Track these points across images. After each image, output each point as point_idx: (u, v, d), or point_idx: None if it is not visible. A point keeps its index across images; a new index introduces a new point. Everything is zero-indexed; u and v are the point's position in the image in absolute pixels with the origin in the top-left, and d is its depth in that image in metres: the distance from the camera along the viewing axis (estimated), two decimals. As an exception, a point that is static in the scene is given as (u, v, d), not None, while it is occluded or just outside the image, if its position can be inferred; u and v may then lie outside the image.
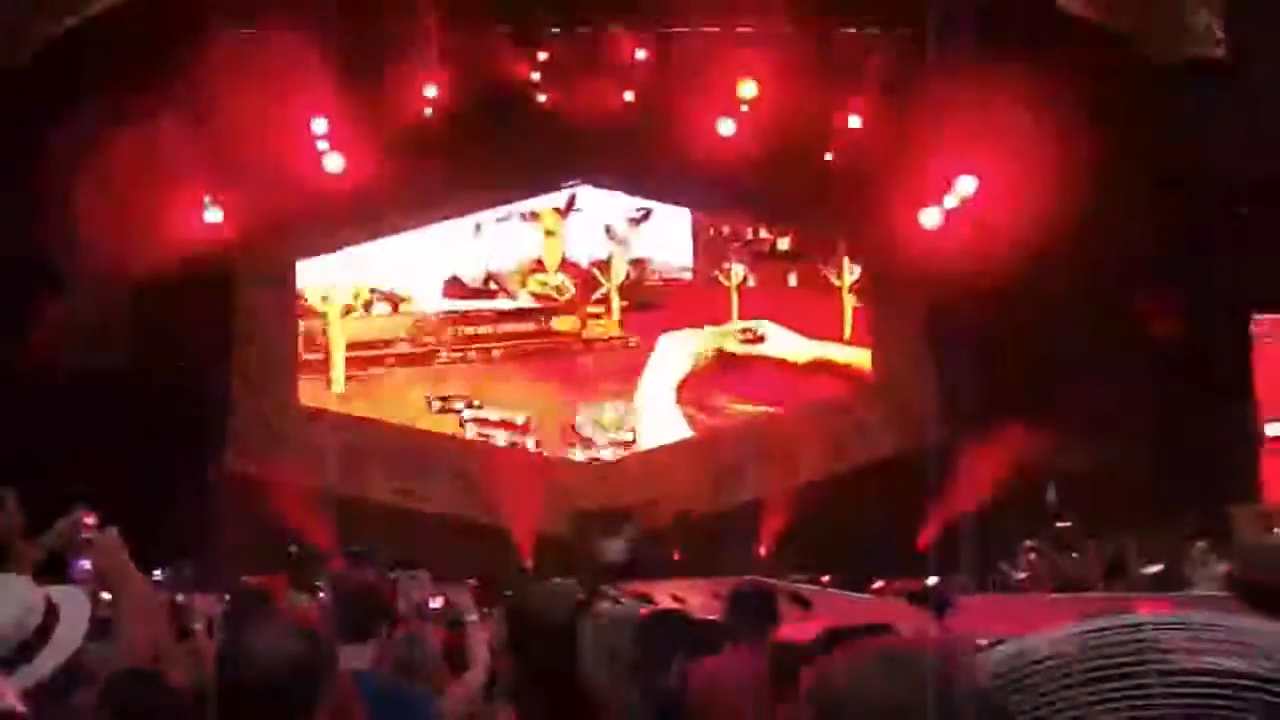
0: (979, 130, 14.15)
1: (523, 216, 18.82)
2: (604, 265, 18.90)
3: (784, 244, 19.31)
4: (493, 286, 18.83)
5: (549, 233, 18.89)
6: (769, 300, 19.04)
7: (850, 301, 19.03)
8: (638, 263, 19.03)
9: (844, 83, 16.14)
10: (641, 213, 18.97)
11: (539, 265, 18.89)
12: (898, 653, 1.59)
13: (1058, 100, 13.03)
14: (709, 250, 19.23)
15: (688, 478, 17.94)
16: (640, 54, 16.28)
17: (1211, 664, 1.71)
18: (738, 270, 19.03)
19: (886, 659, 1.57)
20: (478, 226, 18.69)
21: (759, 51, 15.61)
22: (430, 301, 18.65)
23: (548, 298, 18.92)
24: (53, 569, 4.18)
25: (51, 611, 3.16)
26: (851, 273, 19.09)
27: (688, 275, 19.21)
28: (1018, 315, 15.21)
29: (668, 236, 19.22)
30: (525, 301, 18.94)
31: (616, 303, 18.91)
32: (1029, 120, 13.29)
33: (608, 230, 18.94)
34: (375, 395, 18.26)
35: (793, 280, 19.21)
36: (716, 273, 19.11)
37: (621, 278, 18.92)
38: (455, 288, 18.69)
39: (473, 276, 18.75)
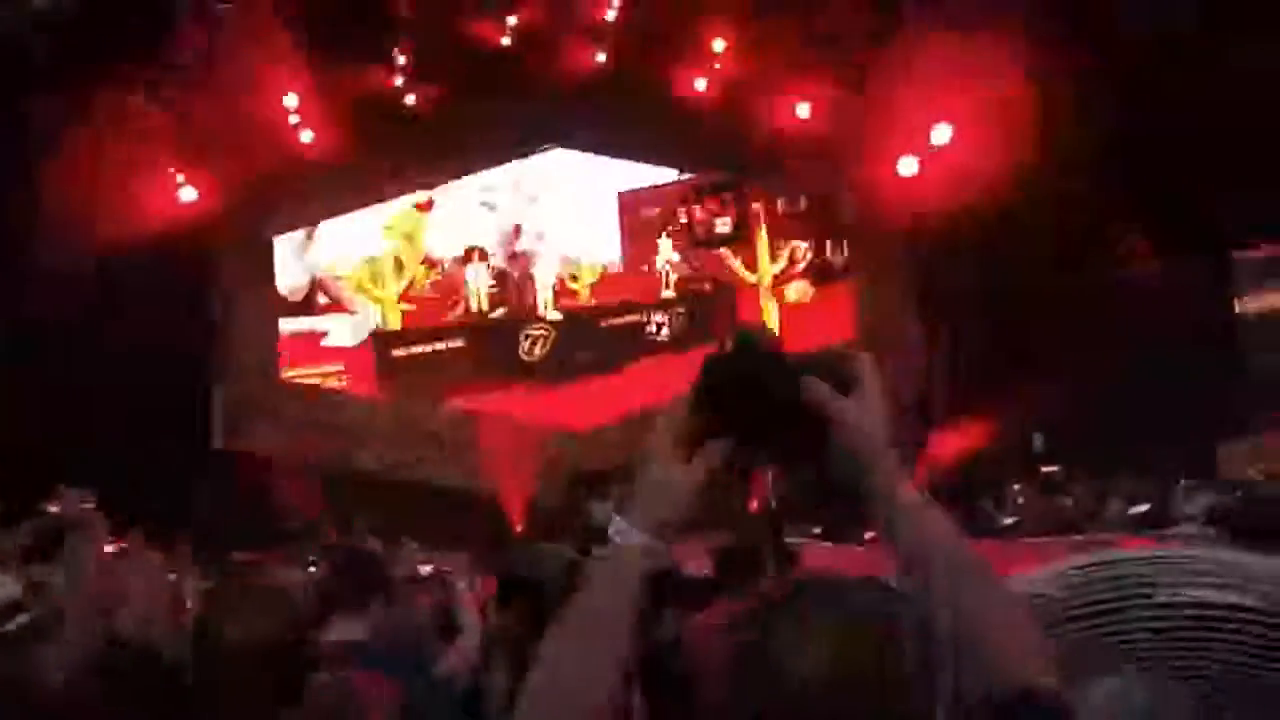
0: (952, 80, 14.11)
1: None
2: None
3: (723, 226, 19.54)
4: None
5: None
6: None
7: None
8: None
9: (818, 38, 16.05)
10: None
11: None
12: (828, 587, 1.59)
13: (1029, 48, 13.00)
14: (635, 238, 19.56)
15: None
16: (610, 14, 16.20)
17: (1198, 597, 1.69)
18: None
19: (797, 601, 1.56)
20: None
21: (730, 7, 15.55)
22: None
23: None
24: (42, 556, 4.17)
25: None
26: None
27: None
28: (997, 263, 15.23)
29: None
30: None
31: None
32: (1000, 70, 13.25)
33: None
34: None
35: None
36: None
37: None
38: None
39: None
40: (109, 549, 3.89)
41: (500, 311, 19.11)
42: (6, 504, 4.40)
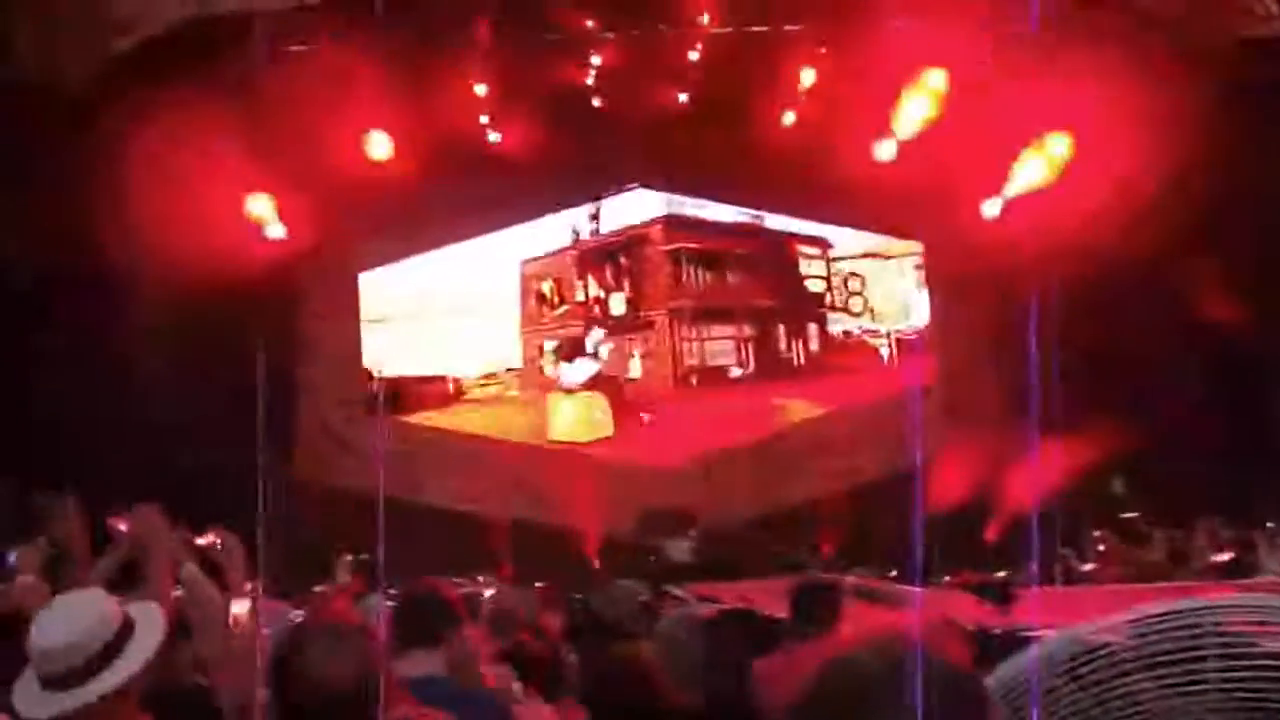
0: (1042, 117, 14.01)
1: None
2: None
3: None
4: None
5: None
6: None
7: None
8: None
9: (899, 76, 15.98)
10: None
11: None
12: (888, 638, 1.59)
13: (1118, 85, 12.89)
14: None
15: (750, 478, 17.94)
16: (693, 55, 16.25)
17: (1271, 648, 1.67)
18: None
19: (876, 644, 1.57)
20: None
21: (812, 48, 15.56)
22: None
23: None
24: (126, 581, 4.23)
25: (127, 625, 3.22)
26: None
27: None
28: (1081, 306, 15.06)
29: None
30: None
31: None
32: (1091, 115, 13.15)
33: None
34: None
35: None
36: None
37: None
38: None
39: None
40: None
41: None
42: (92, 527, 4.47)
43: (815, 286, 20.60)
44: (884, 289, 20.16)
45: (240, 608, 3.77)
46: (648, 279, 20.20)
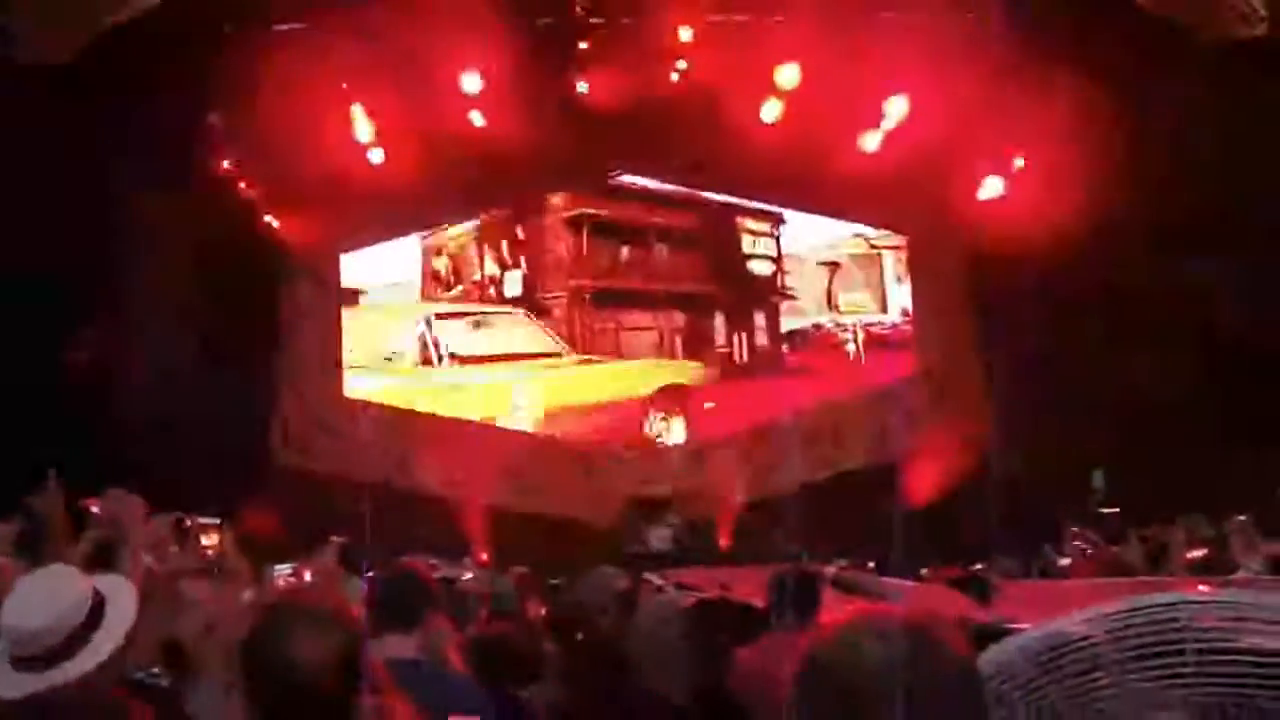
0: (1025, 112, 14.04)
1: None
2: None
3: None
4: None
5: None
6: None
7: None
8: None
9: (888, 66, 15.95)
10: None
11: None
12: (883, 625, 1.59)
13: (1104, 83, 12.91)
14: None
15: (732, 466, 17.94)
16: (683, 35, 16.12)
17: (1254, 644, 1.68)
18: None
19: (872, 631, 1.57)
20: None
21: (800, 36, 15.50)
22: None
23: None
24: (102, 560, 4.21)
25: (99, 603, 3.20)
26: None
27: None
28: (1064, 301, 15.11)
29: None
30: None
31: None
32: (1075, 103, 13.16)
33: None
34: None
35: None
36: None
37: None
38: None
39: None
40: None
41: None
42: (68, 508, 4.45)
43: (763, 269, 19.09)
44: (860, 279, 19.77)
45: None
46: (547, 253, 18.37)
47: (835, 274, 19.45)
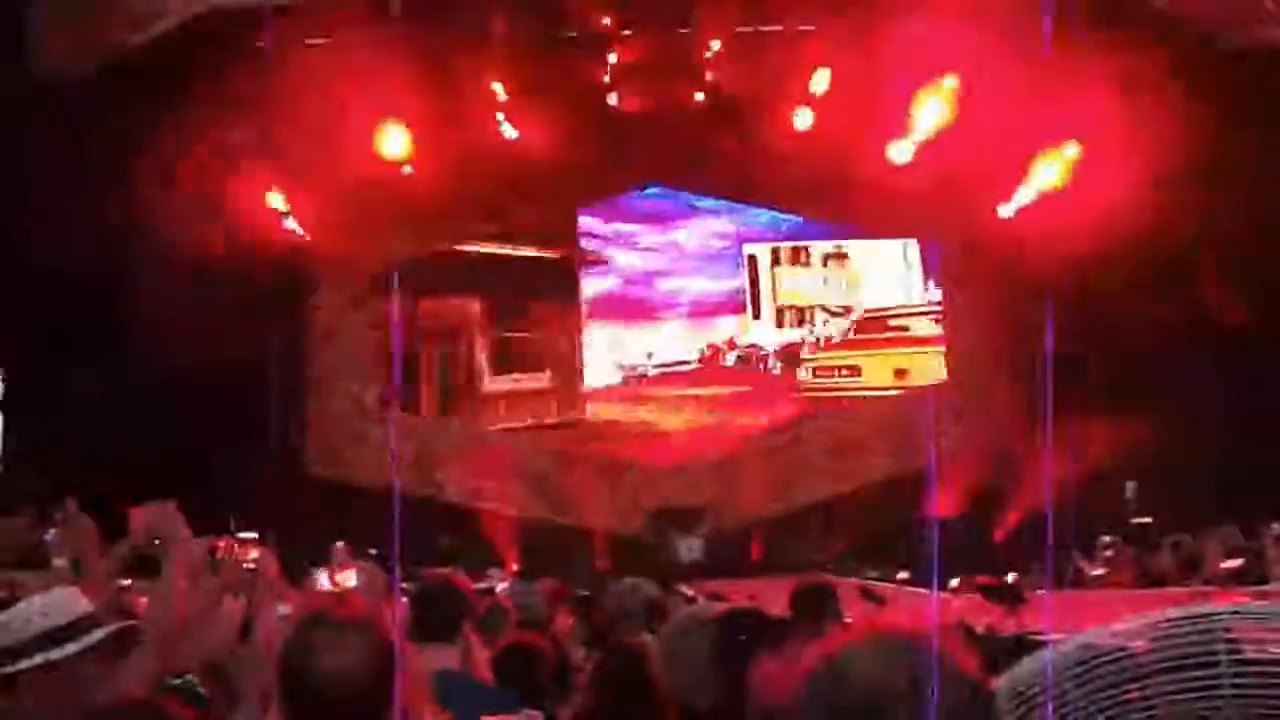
0: (1056, 122, 13.96)
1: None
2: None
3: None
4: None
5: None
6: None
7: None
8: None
9: (915, 76, 15.89)
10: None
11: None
12: (890, 636, 1.58)
13: (1131, 91, 12.84)
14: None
15: (761, 477, 17.91)
16: (710, 54, 16.14)
17: (1283, 654, 1.67)
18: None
19: (878, 643, 1.55)
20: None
21: (830, 47, 15.47)
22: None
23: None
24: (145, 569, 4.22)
25: (89, 618, 3.21)
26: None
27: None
28: (1096, 312, 15.02)
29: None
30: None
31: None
32: (1103, 112, 13.10)
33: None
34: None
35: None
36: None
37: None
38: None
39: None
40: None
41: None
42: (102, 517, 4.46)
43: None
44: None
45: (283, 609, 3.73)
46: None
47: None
